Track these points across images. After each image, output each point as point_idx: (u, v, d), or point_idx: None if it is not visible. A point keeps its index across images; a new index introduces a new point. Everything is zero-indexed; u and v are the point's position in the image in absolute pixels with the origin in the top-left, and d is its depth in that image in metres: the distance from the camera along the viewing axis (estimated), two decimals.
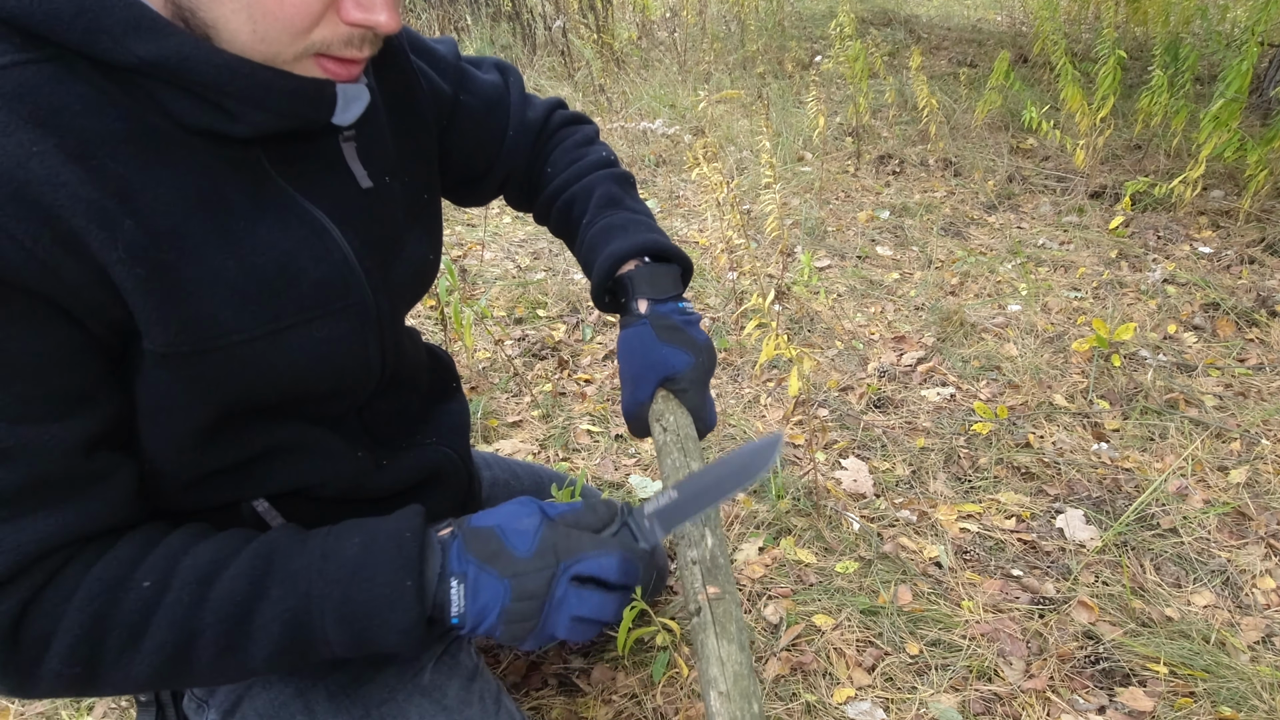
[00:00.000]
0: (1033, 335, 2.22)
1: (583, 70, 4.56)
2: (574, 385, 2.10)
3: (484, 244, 2.90)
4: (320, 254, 0.64)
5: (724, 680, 0.58)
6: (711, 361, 0.83)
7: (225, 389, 0.61)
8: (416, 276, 0.80)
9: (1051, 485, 1.70)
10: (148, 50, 0.51)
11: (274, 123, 0.58)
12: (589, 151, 0.96)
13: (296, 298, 0.63)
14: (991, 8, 6.41)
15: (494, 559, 0.62)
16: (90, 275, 0.52)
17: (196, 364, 0.58)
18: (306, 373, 0.66)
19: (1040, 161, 3.46)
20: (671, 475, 0.74)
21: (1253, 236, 2.72)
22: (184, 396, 0.60)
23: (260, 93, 0.55)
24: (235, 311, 0.59)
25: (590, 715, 1.21)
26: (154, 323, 0.55)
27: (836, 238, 2.88)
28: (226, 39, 0.53)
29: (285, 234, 0.62)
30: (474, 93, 0.88)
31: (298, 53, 0.55)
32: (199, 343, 0.58)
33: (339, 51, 0.57)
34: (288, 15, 0.52)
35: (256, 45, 0.53)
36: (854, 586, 1.44)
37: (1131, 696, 1.22)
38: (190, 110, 0.55)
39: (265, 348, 0.61)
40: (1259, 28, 2.66)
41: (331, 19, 0.55)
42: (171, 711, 0.80)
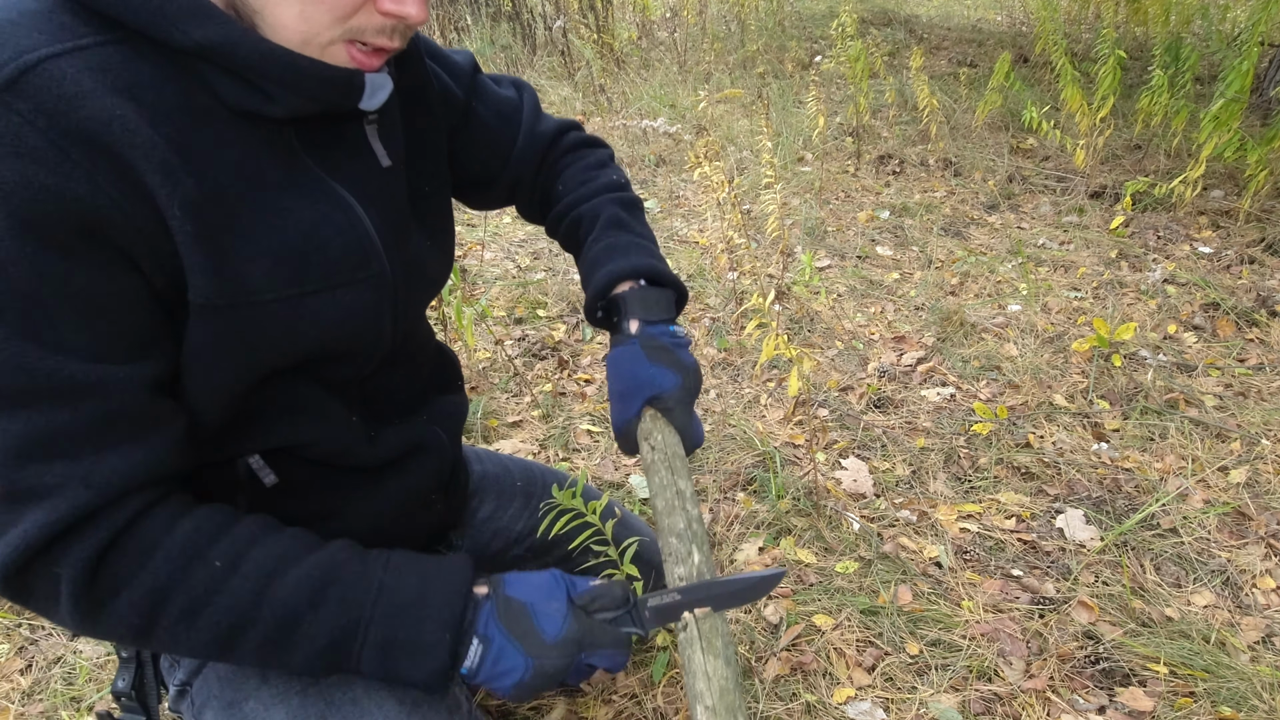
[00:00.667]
0: (1033, 335, 2.22)
1: (583, 70, 4.56)
2: (574, 385, 2.10)
3: (484, 244, 2.91)
4: (344, 227, 0.70)
5: (710, 695, 0.59)
6: (697, 383, 0.86)
7: (251, 343, 0.66)
8: (426, 261, 0.84)
9: (1051, 485, 1.70)
10: (203, 35, 0.58)
11: (307, 106, 0.64)
12: (601, 174, 1.00)
13: (321, 266, 0.68)
14: (991, 8, 6.41)
15: (524, 637, 0.69)
16: (155, 222, 0.58)
17: (229, 317, 0.63)
18: (326, 334, 0.71)
19: (1040, 161, 3.46)
20: (659, 493, 0.75)
21: (1253, 236, 2.72)
22: (215, 349, 0.64)
23: (297, 78, 0.62)
24: (266, 273, 0.64)
25: (590, 715, 1.21)
26: (198, 274, 0.60)
27: (836, 238, 2.88)
28: (271, 23, 0.60)
29: (313, 208, 0.68)
30: (487, 103, 0.94)
31: (334, 37, 0.62)
32: (233, 297, 0.63)
33: (371, 39, 0.64)
34: (333, 2, 0.59)
35: (299, 26, 0.60)
36: (854, 586, 1.44)
37: (1131, 696, 1.22)
38: (235, 92, 0.61)
39: (291, 308, 0.67)
40: (1260, 27, 2.66)
41: (368, 8, 0.62)
42: (150, 669, 0.84)
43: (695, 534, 0.71)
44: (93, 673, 1.29)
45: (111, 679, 1.27)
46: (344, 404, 0.79)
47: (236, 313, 0.64)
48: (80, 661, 1.31)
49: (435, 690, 0.69)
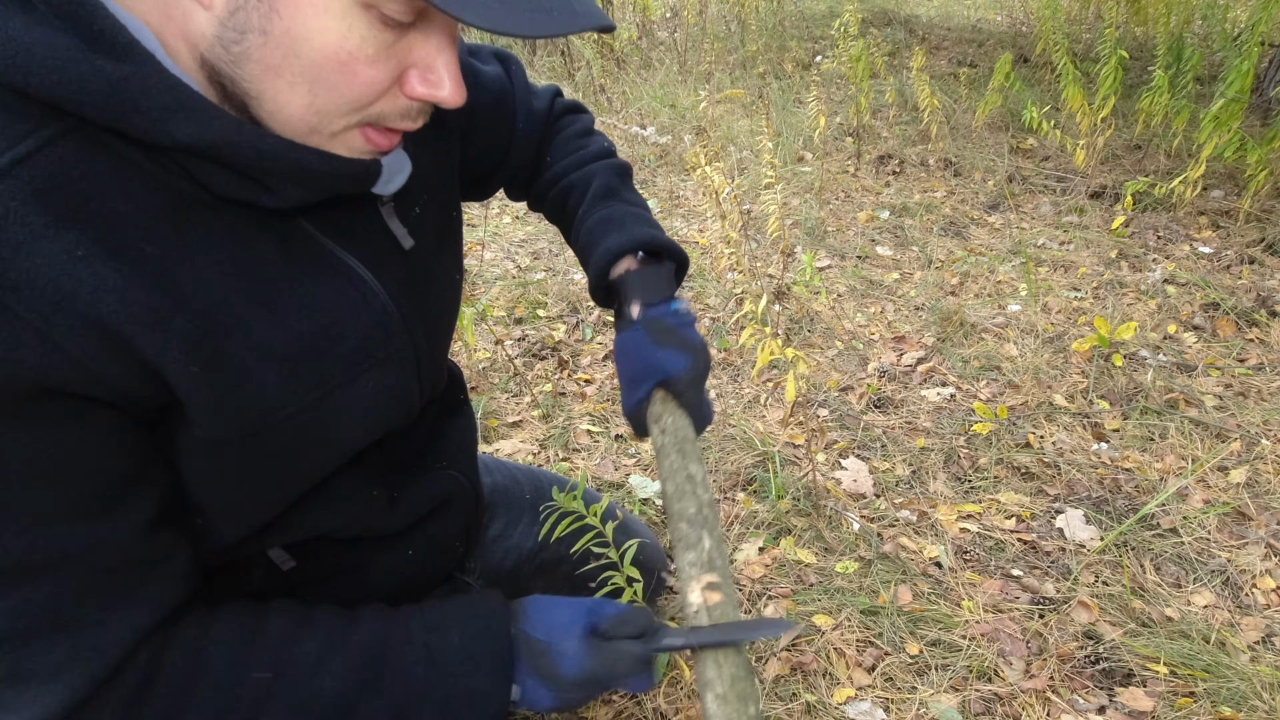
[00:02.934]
0: (1033, 335, 2.22)
1: (583, 70, 4.56)
2: (574, 385, 2.10)
3: (484, 244, 2.91)
4: (359, 305, 0.63)
5: (721, 682, 0.58)
6: (707, 362, 0.84)
7: (276, 461, 0.61)
8: (448, 302, 0.81)
9: (1051, 485, 1.70)
10: (188, 134, 0.48)
11: (311, 197, 0.55)
12: (588, 141, 0.96)
13: (341, 355, 0.62)
14: (991, 8, 6.41)
15: (548, 677, 0.67)
16: (139, 377, 0.50)
17: (247, 445, 0.58)
18: (355, 428, 0.66)
19: (1040, 161, 3.46)
20: (669, 477, 0.74)
21: (1253, 236, 2.72)
22: (234, 474, 0.60)
23: (303, 175, 0.53)
24: (284, 383, 0.58)
25: (590, 715, 1.21)
26: (209, 412, 0.54)
27: (836, 238, 2.88)
28: (270, 110, 0.50)
29: (323, 289, 0.60)
30: (483, 90, 0.88)
31: (349, 124, 0.53)
32: (251, 424, 0.57)
33: (392, 123, 0.54)
34: (356, 91, 0.50)
35: (306, 116, 0.50)
36: (854, 586, 1.44)
37: (1131, 696, 1.22)
38: (224, 184, 0.52)
39: (316, 415, 0.61)
40: (1260, 28, 2.66)
41: (393, 93, 0.52)
42: None
43: (706, 519, 0.69)
44: None
45: None
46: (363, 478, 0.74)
47: (257, 439, 0.58)
48: None
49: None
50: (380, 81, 0.50)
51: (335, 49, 0.47)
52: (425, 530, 0.83)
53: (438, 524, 0.85)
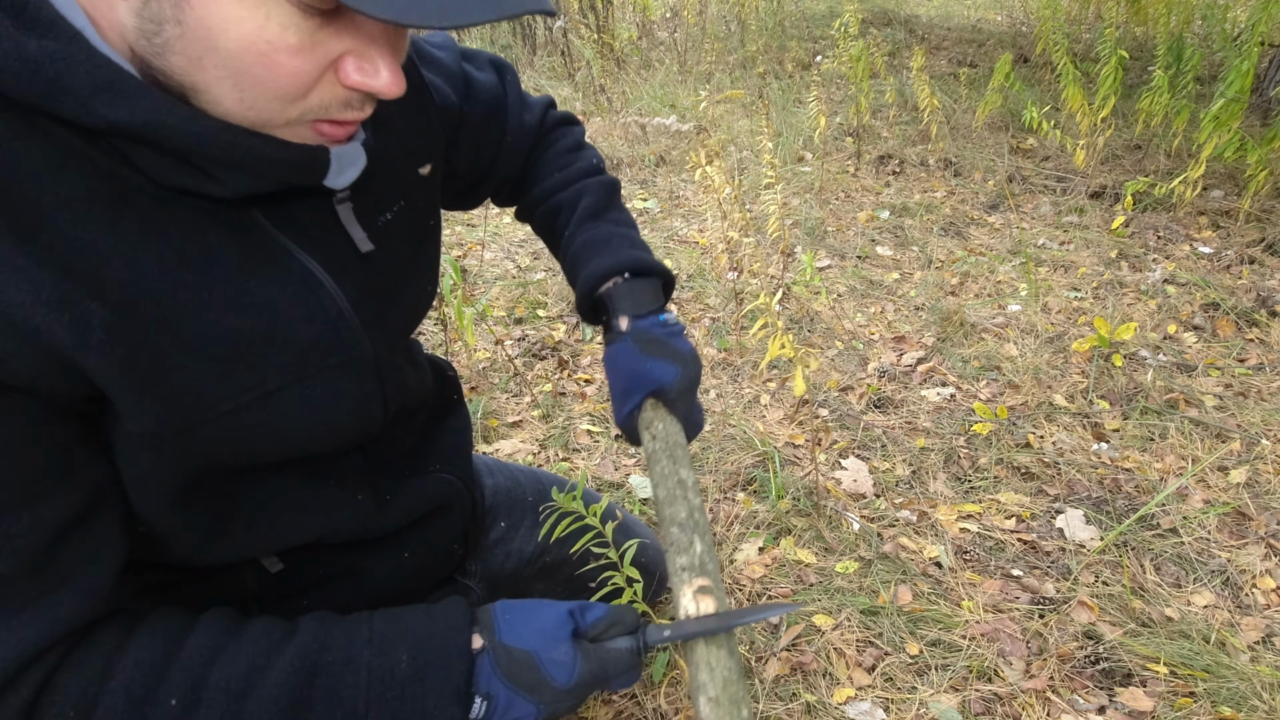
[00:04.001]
0: (1033, 335, 2.22)
1: (583, 70, 4.56)
2: (574, 385, 2.10)
3: (484, 244, 2.91)
4: (313, 310, 0.60)
5: (713, 686, 0.58)
6: (697, 370, 0.83)
7: (216, 458, 0.58)
8: (415, 311, 0.79)
9: (1051, 485, 1.70)
10: (118, 115, 0.45)
11: (257, 185, 0.53)
12: (577, 158, 0.95)
13: (284, 359, 0.59)
14: (991, 8, 6.41)
15: (533, 689, 0.62)
16: (52, 366, 0.47)
17: (184, 440, 0.55)
18: (302, 433, 0.62)
19: (1040, 161, 3.46)
20: (661, 482, 0.74)
21: (1253, 236, 2.72)
22: (171, 470, 0.56)
23: (244, 158, 0.50)
24: (219, 380, 0.55)
25: (590, 715, 1.21)
26: (136, 405, 0.51)
27: (836, 238, 2.88)
28: (209, 101, 0.47)
29: (275, 289, 0.58)
30: (476, 99, 0.87)
31: (290, 119, 0.50)
32: (185, 419, 0.54)
33: (336, 114, 0.52)
34: (281, 84, 0.47)
35: (244, 112, 0.48)
36: (854, 586, 1.44)
37: (1131, 696, 1.22)
38: (166, 171, 0.50)
39: (255, 414, 0.58)
40: (1260, 28, 2.66)
41: (329, 81, 0.49)
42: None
43: (697, 523, 0.70)
44: None
45: None
46: (347, 484, 0.72)
47: (191, 435, 0.55)
48: None
49: None
50: (306, 72, 0.47)
51: (253, 39, 0.44)
52: (420, 534, 0.83)
53: (433, 528, 0.84)
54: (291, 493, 0.67)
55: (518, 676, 0.62)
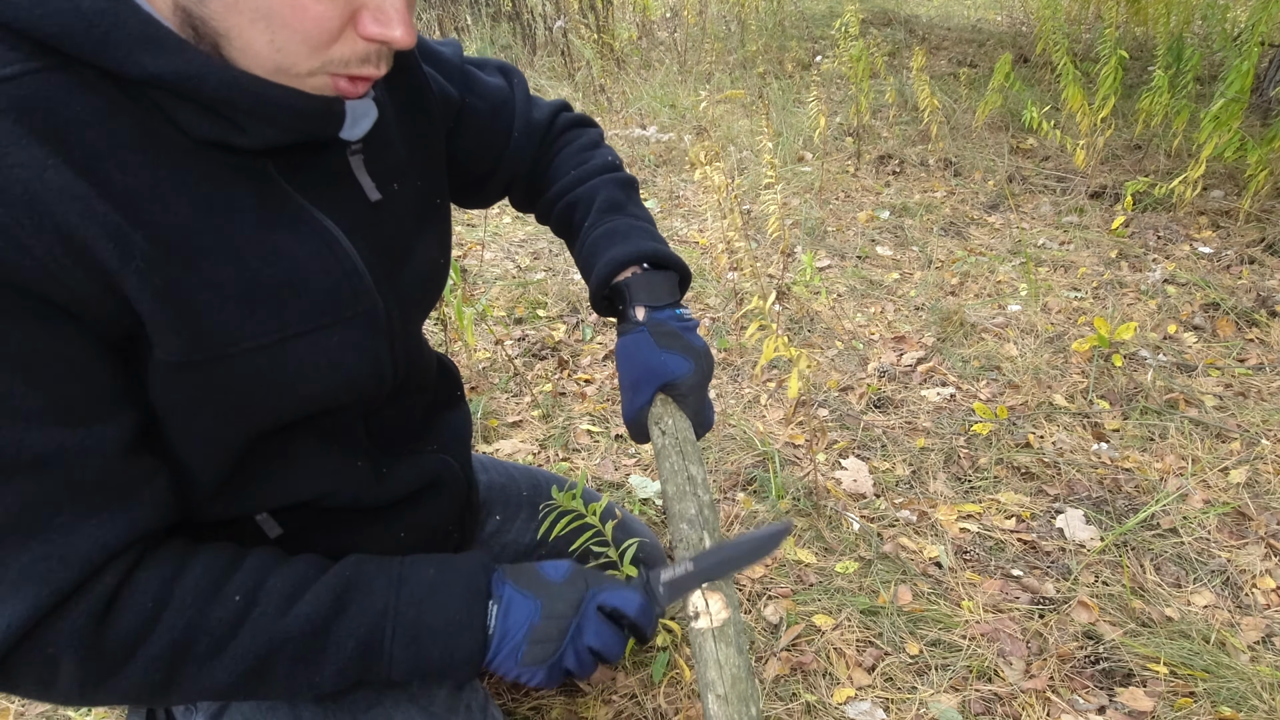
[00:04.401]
0: (1033, 335, 2.22)
1: (583, 70, 4.56)
2: (574, 385, 2.10)
3: (484, 244, 2.91)
4: (329, 263, 0.64)
5: (722, 683, 0.58)
6: (709, 366, 0.84)
7: (237, 399, 0.62)
8: (426, 281, 0.80)
9: (1051, 485, 1.70)
10: (158, 65, 0.51)
11: (281, 137, 0.58)
12: (594, 155, 0.96)
13: (304, 306, 0.63)
14: (991, 8, 6.41)
15: (531, 585, 0.70)
16: (101, 287, 0.52)
17: (209, 372, 0.59)
18: (317, 381, 0.66)
19: (1040, 161, 3.46)
20: (670, 478, 0.74)
21: (1253, 236, 2.72)
22: (196, 407, 0.60)
23: (269, 109, 0.55)
24: (244, 319, 0.59)
25: (590, 715, 1.21)
26: (168, 332, 0.55)
27: (836, 238, 2.88)
28: (240, 48, 0.53)
29: (294, 242, 0.62)
30: (480, 95, 0.89)
31: (313, 69, 0.56)
32: (210, 351, 0.58)
33: (355, 70, 0.58)
34: (307, 28, 0.52)
35: (272, 56, 0.53)
36: (854, 586, 1.44)
37: (1131, 696, 1.22)
38: (197, 123, 0.55)
39: (274, 356, 0.62)
40: (1260, 28, 2.66)
41: (350, 36, 0.55)
42: (161, 713, 0.80)
43: (707, 520, 0.70)
44: None
45: None
46: (348, 449, 0.75)
47: (217, 367, 0.59)
48: None
49: (469, 674, 0.68)
50: (330, 19, 0.53)
51: None
52: (417, 513, 0.84)
53: (429, 507, 0.85)
54: (298, 450, 0.71)
55: (520, 579, 0.71)
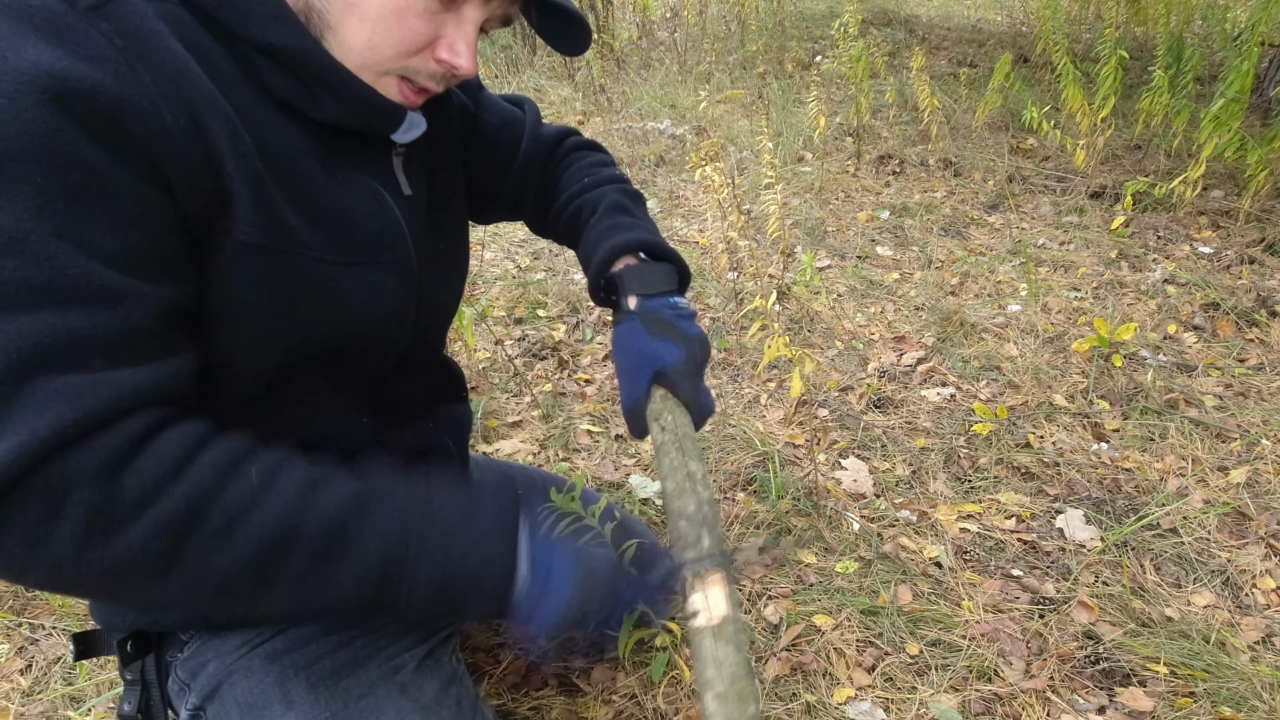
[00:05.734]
0: (1033, 335, 2.22)
1: (583, 70, 4.56)
2: (574, 385, 2.10)
3: (484, 244, 2.91)
4: (375, 211, 0.73)
5: (721, 682, 0.58)
6: (704, 353, 0.84)
7: (294, 296, 0.66)
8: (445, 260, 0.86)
9: (1051, 485, 1.70)
10: (280, 38, 0.62)
11: (347, 119, 0.68)
12: (602, 171, 1.00)
13: (355, 241, 0.71)
14: (991, 8, 6.41)
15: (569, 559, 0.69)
16: (207, 162, 0.58)
17: (279, 261, 0.64)
18: (357, 308, 0.72)
19: (1040, 161, 3.46)
20: (669, 474, 0.74)
21: (1253, 236, 2.72)
22: (260, 294, 0.64)
23: (350, 93, 0.66)
24: (309, 232, 0.67)
25: (590, 715, 1.21)
26: (253, 213, 0.62)
27: (836, 238, 2.88)
28: (340, 40, 0.64)
29: (348, 195, 0.71)
30: (491, 111, 0.97)
31: (391, 69, 0.67)
32: (283, 243, 0.64)
33: (422, 81, 0.70)
34: (402, 36, 0.65)
35: (364, 51, 0.65)
36: (854, 586, 1.44)
37: (1131, 696, 1.22)
38: (285, 86, 0.65)
39: (329, 273, 0.68)
40: (1260, 28, 2.66)
41: (425, 55, 0.68)
42: (156, 690, 0.81)
43: (706, 517, 0.69)
44: (93, 673, 1.29)
45: (111, 684, 1.27)
46: (356, 403, 0.79)
47: (286, 259, 0.65)
48: (81, 662, 1.31)
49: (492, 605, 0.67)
50: (421, 35, 0.66)
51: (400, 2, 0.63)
52: None
53: None
54: (315, 388, 0.75)
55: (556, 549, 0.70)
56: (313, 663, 0.80)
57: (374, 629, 0.85)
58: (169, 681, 0.81)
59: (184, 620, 0.81)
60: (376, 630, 0.85)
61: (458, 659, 0.92)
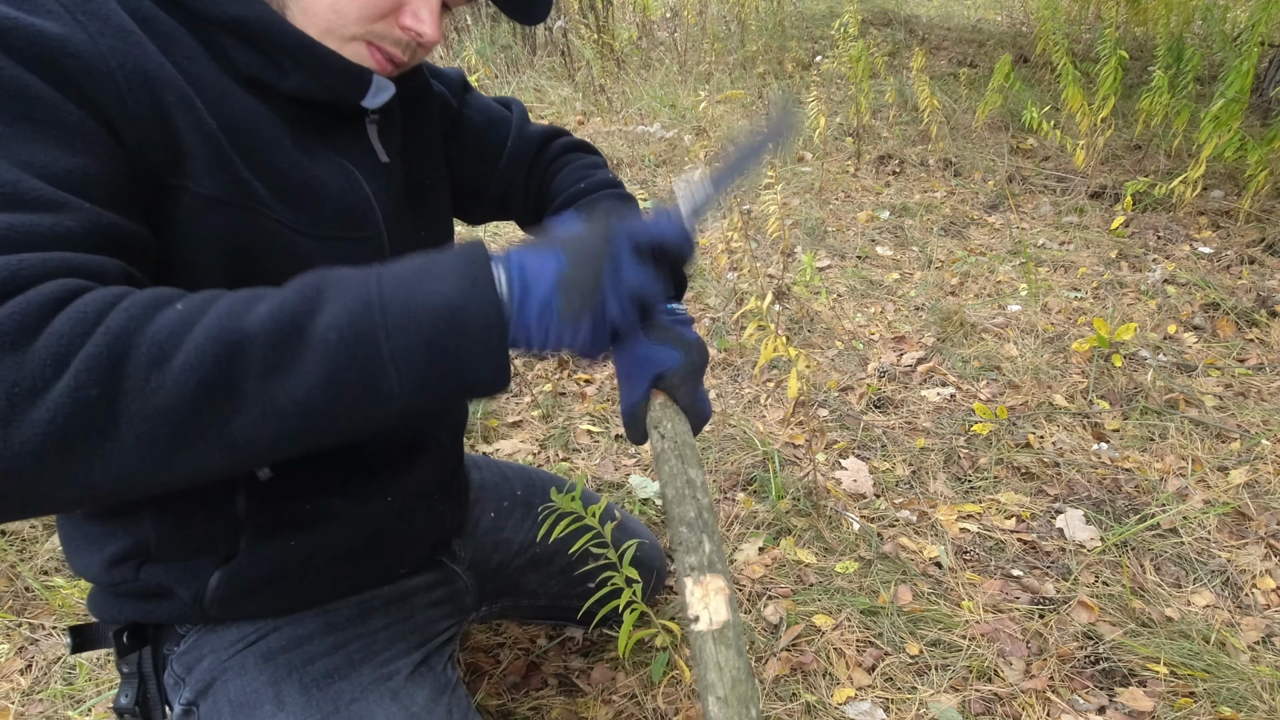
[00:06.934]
0: (1033, 335, 2.22)
1: (583, 70, 4.56)
2: (574, 385, 2.10)
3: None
4: (346, 189, 0.72)
5: (722, 685, 0.58)
6: (702, 358, 0.83)
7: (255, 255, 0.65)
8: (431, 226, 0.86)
9: (1051, 485, 1.70)
10: (239, 10, 0.62)
11: (315, 89, 0.67)
12: (595, 173, 1.00)
13: (323, 215, 0.70)
14: (991, 8, 6.41)
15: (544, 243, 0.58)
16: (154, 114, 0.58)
17: (238, 217, 0.63)
18: None
19: (1040, 161, 3.46)
20: (669, 481, 0.74)
21: (1253, 236, 2.72)
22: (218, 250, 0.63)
23: (315, 62, 0.66)
24: (275, 200, 0.66)
25: (590, 715, 1.21)
26: (209, 168, 0.61)
27: (836, 238, 2.88)
28: (303, 8, 0.64)
29: (319, 168, 0.70)
30: (477, 109, 0.97)
31: (356, 34, 0.67)
32: (242, 196, 0.63)
33: (388, 47, 0.69)
34: (365, 2, 0.65)
35: (328, 16, 0.65)
36: (854, 586, 1.44)
37: (1131, 696, 1.22)
38: (250, 60, 0.65)
39: (292, 242, 0.67)
40: (1260, 28, 2.66)
41: (391, 20, 0.67)
42: (153, 683, 0.81)
43: (706, 523, 0.69)
44: (93, 672, 1.29)
45: (111, 683, 1.27)
46: None
47: (248, 216, 0.64)
48: (80, 661, 1.31)
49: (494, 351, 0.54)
50: (384, 2, 0.65)
51: None
52: (402, 475, 0.84)
53: (414, 471, 0.86)
54: None
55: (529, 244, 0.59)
56: (307, 663, 0.80)
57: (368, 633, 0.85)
58: (165, 674, 0.82)
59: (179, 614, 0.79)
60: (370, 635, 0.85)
61: (453, 667, 0.93)
